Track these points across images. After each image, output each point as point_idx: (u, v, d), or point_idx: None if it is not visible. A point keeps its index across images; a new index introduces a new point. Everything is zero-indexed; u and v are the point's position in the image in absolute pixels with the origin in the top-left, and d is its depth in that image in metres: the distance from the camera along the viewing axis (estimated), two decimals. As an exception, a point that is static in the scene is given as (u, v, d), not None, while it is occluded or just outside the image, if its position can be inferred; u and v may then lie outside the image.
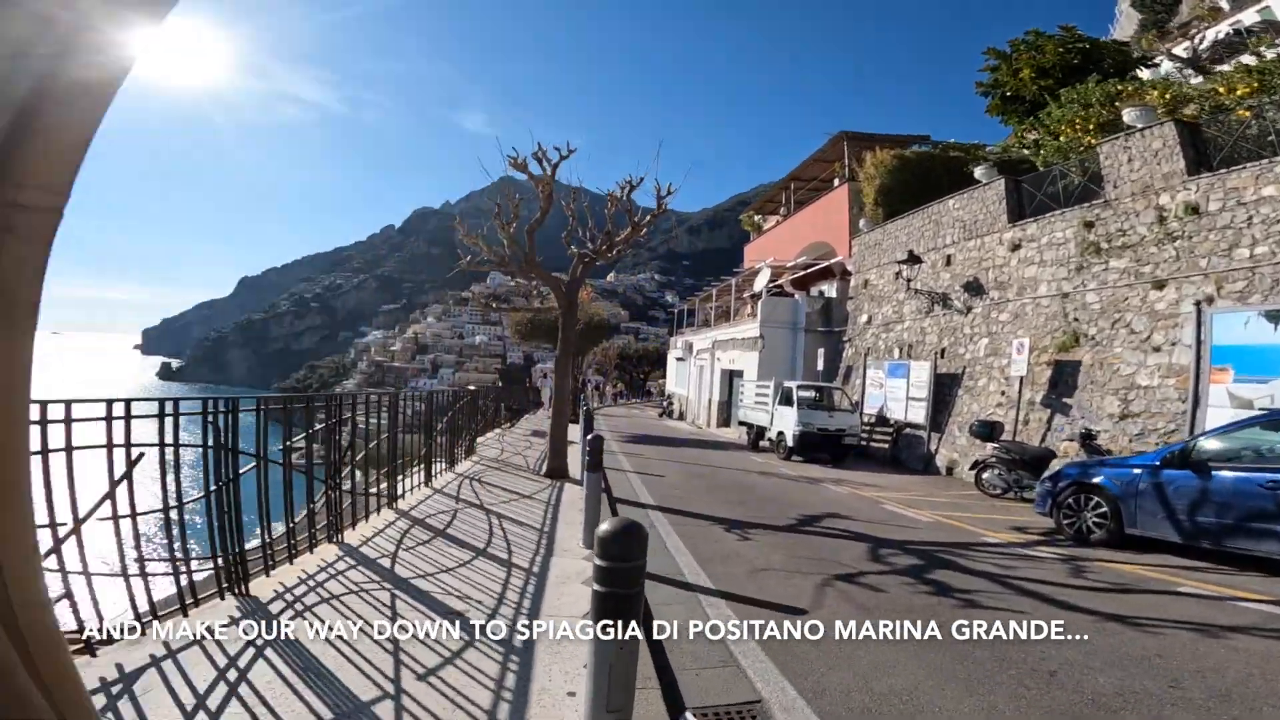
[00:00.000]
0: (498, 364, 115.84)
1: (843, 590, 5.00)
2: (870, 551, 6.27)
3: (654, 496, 8.71)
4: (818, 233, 25.04)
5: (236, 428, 3.51)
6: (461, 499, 6.95)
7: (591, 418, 8.87)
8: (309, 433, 4.44)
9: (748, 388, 18.54)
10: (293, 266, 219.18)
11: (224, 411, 3.43)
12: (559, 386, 8.99)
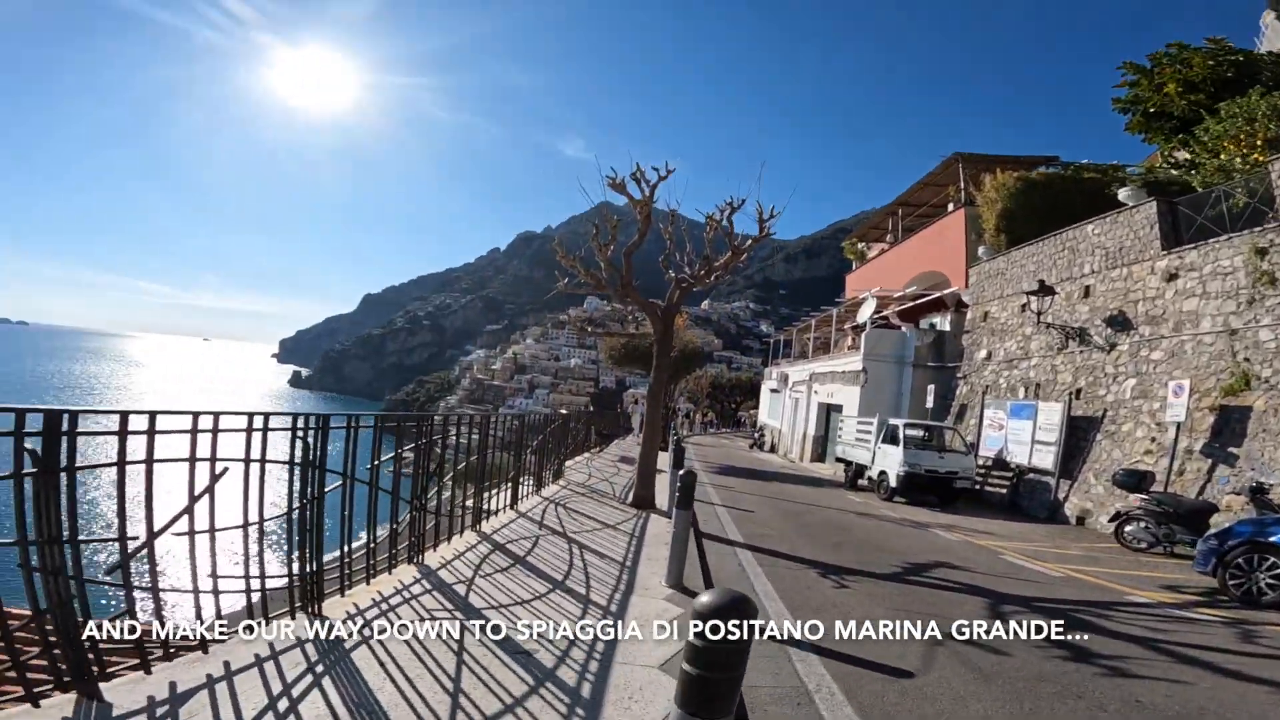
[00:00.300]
0: (590, 387, 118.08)
1: (957, 651, 4.31)
2: (990, 607, 5.49)
3: (742, 534, 8.17)
4: (929, 261, 23.52)
5: (325, 445, 3.44)
6: (545, 525, 6.76)
7: (683, 449, 8.48)
8: (398, 453, 4.37)
9: (847, 423, 17.45)
10: (408, 285, 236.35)
11: (314, 429, 3.36)
12: (650, 414, 8.69)
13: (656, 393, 8.59)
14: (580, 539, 6.31)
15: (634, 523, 7.71)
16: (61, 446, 1.98)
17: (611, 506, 8.54)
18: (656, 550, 6.49)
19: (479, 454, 5.99)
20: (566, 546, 5.96)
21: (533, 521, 6.86)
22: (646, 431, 8.63)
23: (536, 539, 5.96)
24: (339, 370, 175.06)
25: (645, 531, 7.34)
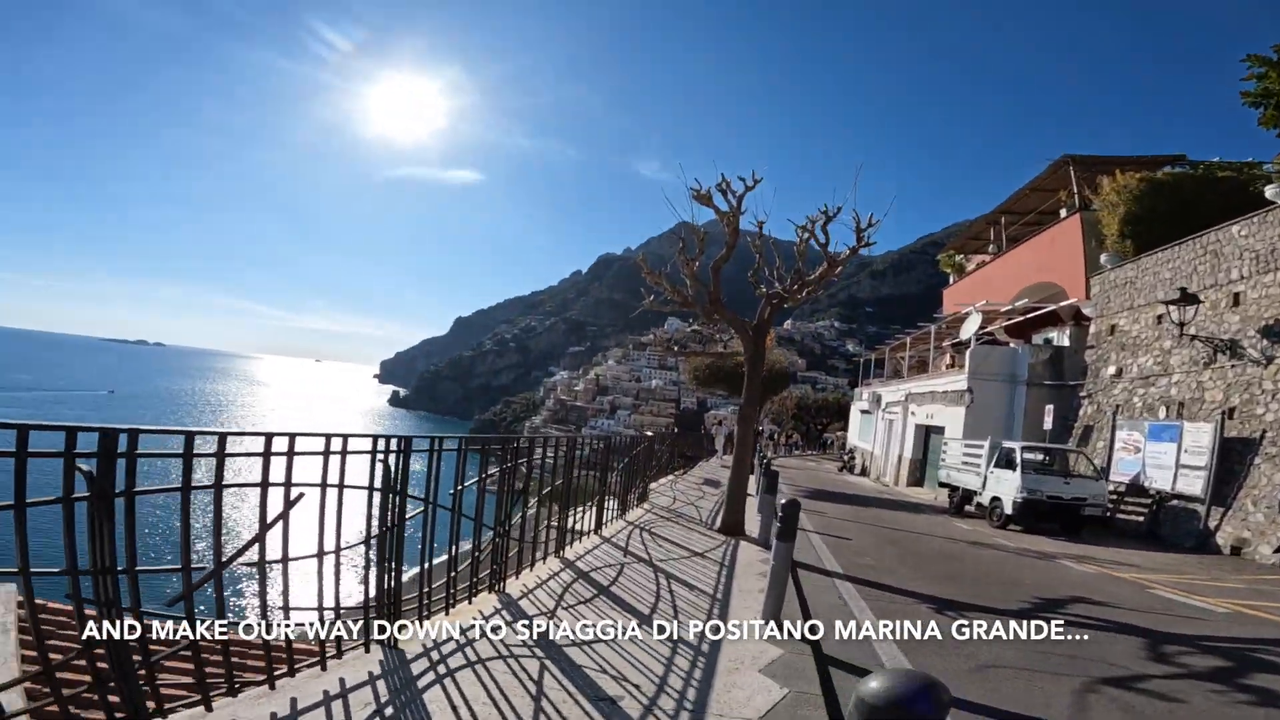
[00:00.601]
0: (671, 408, 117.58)
1: (1115, 698, 3.69)
2: (1148, 648, 4.73)
3: (840, 563, 7.49)
4: (1040, 272, 21.63)
5: (407, 468, 3.26)
6: (630, 552, 6.41)
7: (775, 474, 7.93)
8: (482, 477, 4.17)
9: (952, 446, 16.10)
10: (496, 309, 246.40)
11: (395, 451, 3.18)
12: (742, 436, 8.20)
13: (748, 414, 8.10)
14: (667, 568, 5.92)
15: (723, 550, 7.22)
16: (118, 468, 1.85)
17: (698, 532, 8.09)
18: (749, 581, 6.00)
19: (564, 477, 5.75)
20: (653, 576, 5.58)
21: (618, 548, 6.53)
22: (736, 454, 8.13)
23: (621, 567, 5.62)
24: (432, 390, 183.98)
25: (735, 560, 6.83)
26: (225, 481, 2.25)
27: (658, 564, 5.93)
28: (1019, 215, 25.85)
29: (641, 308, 8.88)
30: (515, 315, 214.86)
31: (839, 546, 8.48)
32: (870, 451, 29.67)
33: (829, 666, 4.31)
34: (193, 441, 2.13)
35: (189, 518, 2.16)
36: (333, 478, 2.74)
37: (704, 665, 3.96)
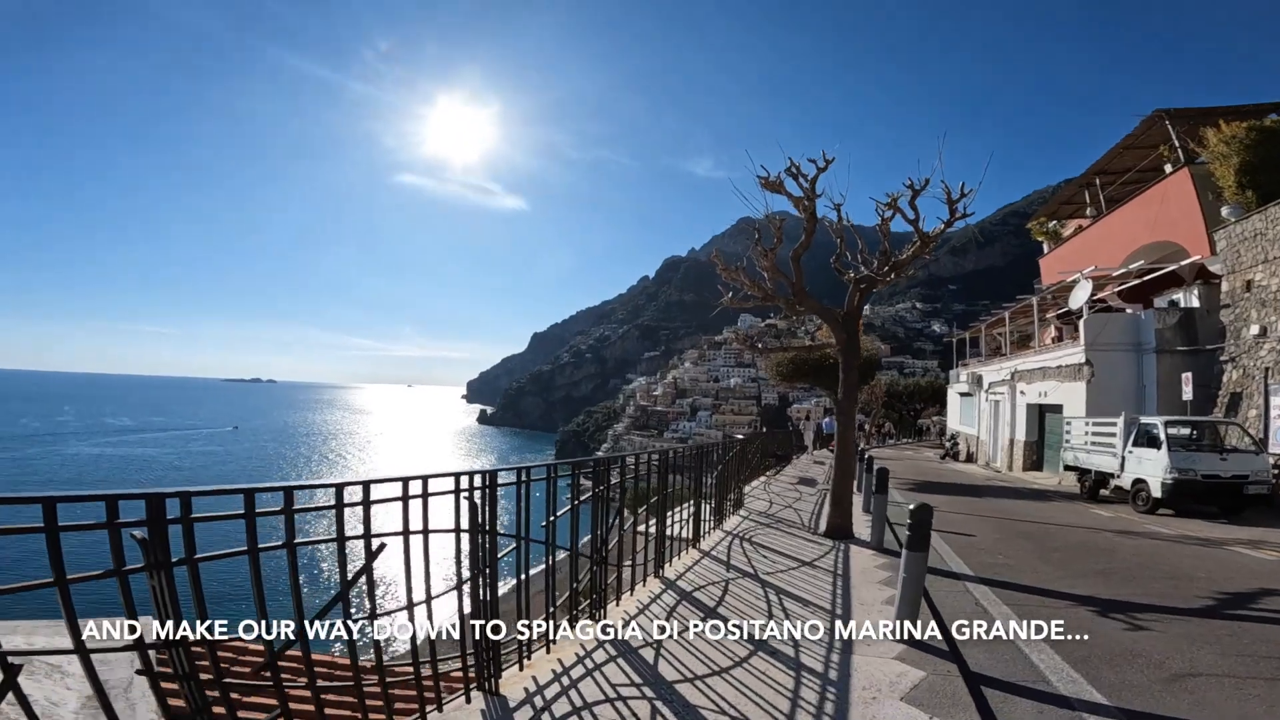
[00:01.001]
0: (753, 405, 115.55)
1: None
2: None
3: (969, 564, 6.77)
4: (1153, 231, 19.53)
5: (494, 505, 3.01)
6: (733, 565, 5.98)
7: (885, 471, 7.23)
8: (575, 503, 3.90)
9: (1076, 425, 14.58)
10: (570, 321, 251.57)
11: (481, 488, 2.92)
12: (844, 432, 7.57)
13: (848, 408, 7.47)
14: (775, 581, 5.44)
15: (832, 557, 6.65)
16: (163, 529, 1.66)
17: (802, 538, 7.53)
18: (868, 592, 5.43)
19: (659, 493, 5.41)
20: (761, 592, 5.13)
21: (719, 562, 6.12)
22: (839, 451, 7.51)
23: (726, 584, 5.21)
24: (516, 406, 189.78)
25: (849, 568, 6.25)
26: (298, 539, 2.05)
27: (765, 578, 5.47)
28: (1114, 175, 23.93)
29: (720, 305, 8.43)
30: (589, 326, 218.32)
31: (963, 545, 7.70)
32: (975, 436, 27.73)
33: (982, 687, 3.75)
34: (254, 501, 1.92)
35: (260, 583, 1.96)
36: (416, 521, 2.50)
37: (835, 696, 3.51)
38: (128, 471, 77.83)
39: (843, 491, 7.43)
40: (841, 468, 7.41)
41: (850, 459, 7.52)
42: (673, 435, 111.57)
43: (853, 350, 7.47)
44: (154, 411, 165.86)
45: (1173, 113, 19.50)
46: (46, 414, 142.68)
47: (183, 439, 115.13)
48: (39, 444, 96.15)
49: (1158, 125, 19.78)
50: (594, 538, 4.08)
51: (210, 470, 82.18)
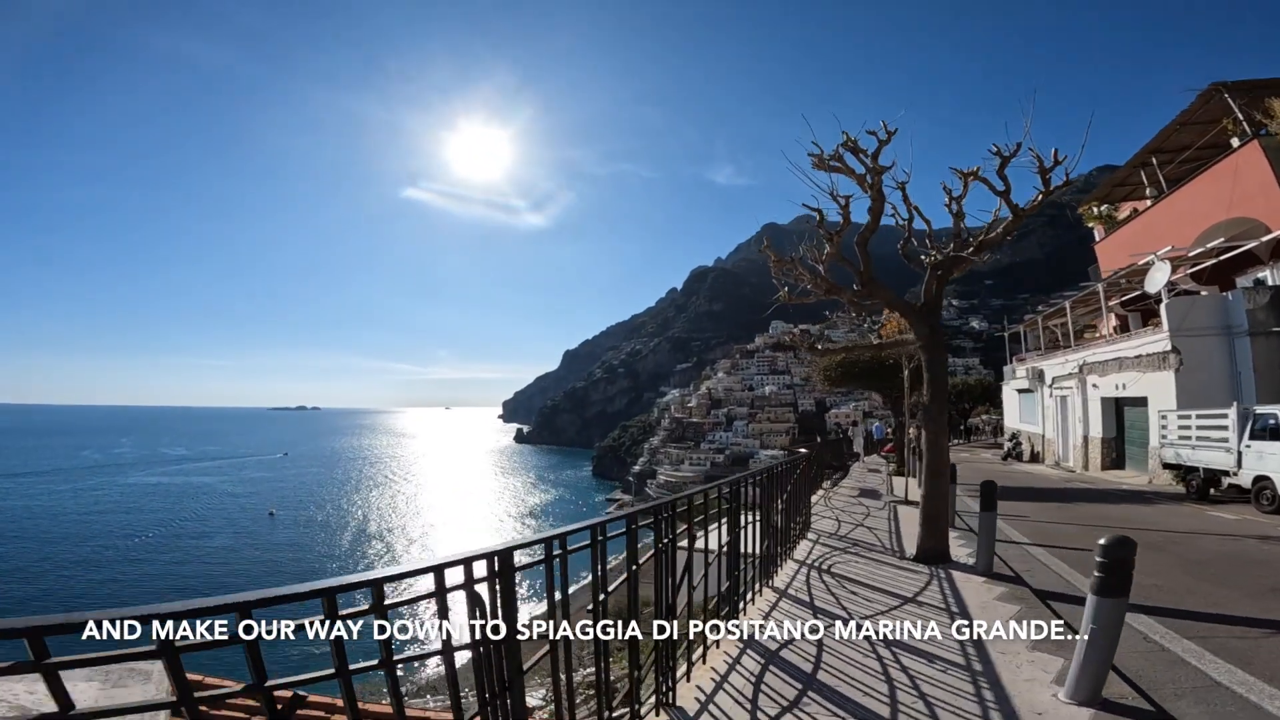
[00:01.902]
0: (789, 412, 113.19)
1: None
2: None
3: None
4: (1227, 208, 18.05)
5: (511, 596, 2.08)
6: (820, 609, 4.96)
7: (992, 484, 6.11)
8: (633, 568, 2.98)
9: (1174, 420, 13.09)
10: (600, 338, 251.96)
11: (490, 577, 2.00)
12: (933, 442, 6.43)
13: (938, 413, 6.37)
14: (881, 628, 4.41)
15: (936, 589, 5.57)
16: None
17: (890, 565, 6.45)
18: (1009, 644, 4.35)
19: (730, 535, 4.45)
20: (868, 645, 4.11)
21: (800, 603, 5.11)
22: (931, 464, 6.37)
23: (820, 638, 4.20)
24: (552, 424, 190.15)
25: (963, 602, 5.17)
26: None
27: (865, 626, 4.44)
28: (1171, 154, 22.32)
29: (775, 301, 7.43)
30: (620, 341, 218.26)
31: (1086, 562, 6.52)
32: (1040, 434, 25.93)
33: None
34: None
35: None
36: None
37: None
38: (184, 499, 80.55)
39: (936, 510, 6.32)
40: (934, 482, 6.31)
41: (943, 473, 6.43)
42: (709, 446, 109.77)
43: (937, 345, 6.42)
44: (207, 441, 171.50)
45: (1230, 85, 18.48)
46: (105, 446, 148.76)
47: (236, 466, 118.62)
48: (100, 474, 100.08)
49: (1216, 99, 18.76)
50: (657, 605, 3.15)
51: (265, 495, 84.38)
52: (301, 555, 55.84)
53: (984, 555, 6.06)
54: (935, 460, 6.30)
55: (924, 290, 6.76)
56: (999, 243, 6.60)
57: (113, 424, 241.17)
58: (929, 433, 6.41)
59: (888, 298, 6.77)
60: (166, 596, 41.01)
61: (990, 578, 5.93)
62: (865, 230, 6.69)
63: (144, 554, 53.60)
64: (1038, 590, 5.58)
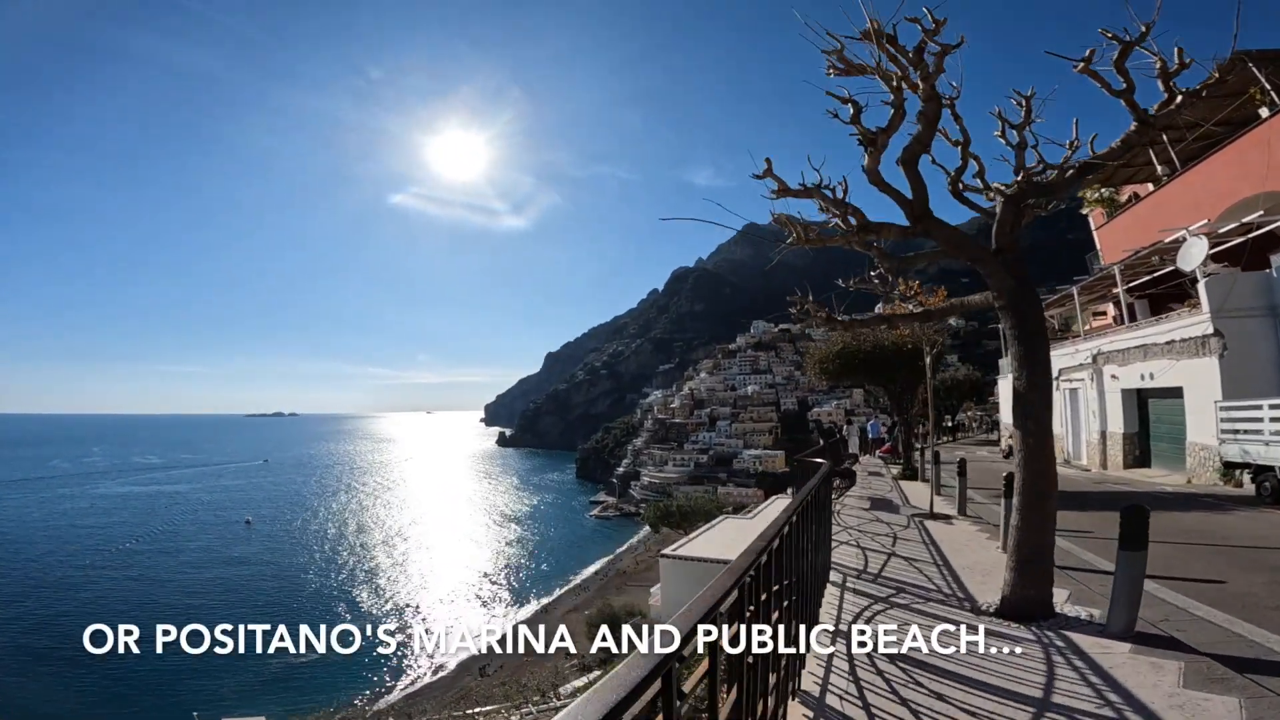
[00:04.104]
0: (772, 412, 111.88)
1: None
2: None
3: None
4: (1253, 183, 16.52)
5: None
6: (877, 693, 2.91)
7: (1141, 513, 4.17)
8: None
9: (1229, 413, 11.34)
10: (582, 339, 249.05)
11: None
12: (1035, 449, 4.29)
13: (1041, 405, 4.29)
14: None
15: (1069, 671, 3.57)
16: None
17: (964, 624, 4.44)
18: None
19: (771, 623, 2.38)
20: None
21: (862, 690, 3.06)
22: (1029, 479, 4.25)
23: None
24: (535, 427, 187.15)
25: (1139, 703, 3.16)
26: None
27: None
28: (1182, 130, 20.76)
29: (783, 249, 5.29)
30: (602, 343, 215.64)
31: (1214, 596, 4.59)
32: (1044, 432, 24.30)
33: None
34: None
35: None
36: None
37: None
38: (155, 508, 77.31)
39: (1037, 545, 4.29)
40: (1035, 507, 4.28)
41: (1050, 494, 4.36)
42: (693, 447, 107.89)
43: (1029, 299, 4.45)
44: (181, 449, 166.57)
45: (1255, 54, 16.97)
46: (75, 455, 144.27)
47: (212, 474, 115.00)
48: (70, 484, 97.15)
49: (1239, 70, 17.12)
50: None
51: (245, 504, 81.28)
52: (279, 567, 52.85)
53: (1124, 612, 4.05)
54: (1038, 475, 4.29)
55: (997, 228, 4.75)
56: (1117, 160, 4.62)
57: (82, 433, 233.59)
58: (1024, 433, 4.38)
59: (951, 236, 4.75)
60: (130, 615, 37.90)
61: (1136, 642, 3.94)
62: (914, 143, 4.64)
63: (114, 566, 50.68)
64: (1226, 659, 3.62)
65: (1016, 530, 4.36)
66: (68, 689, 30.62)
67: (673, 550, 14.49)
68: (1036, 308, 4.62)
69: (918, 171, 4.64)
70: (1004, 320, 4.58)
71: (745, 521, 17.74)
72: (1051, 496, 4.33)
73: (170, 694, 29.38)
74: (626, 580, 49.05)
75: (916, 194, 4.60)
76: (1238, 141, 17.66)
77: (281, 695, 29.45)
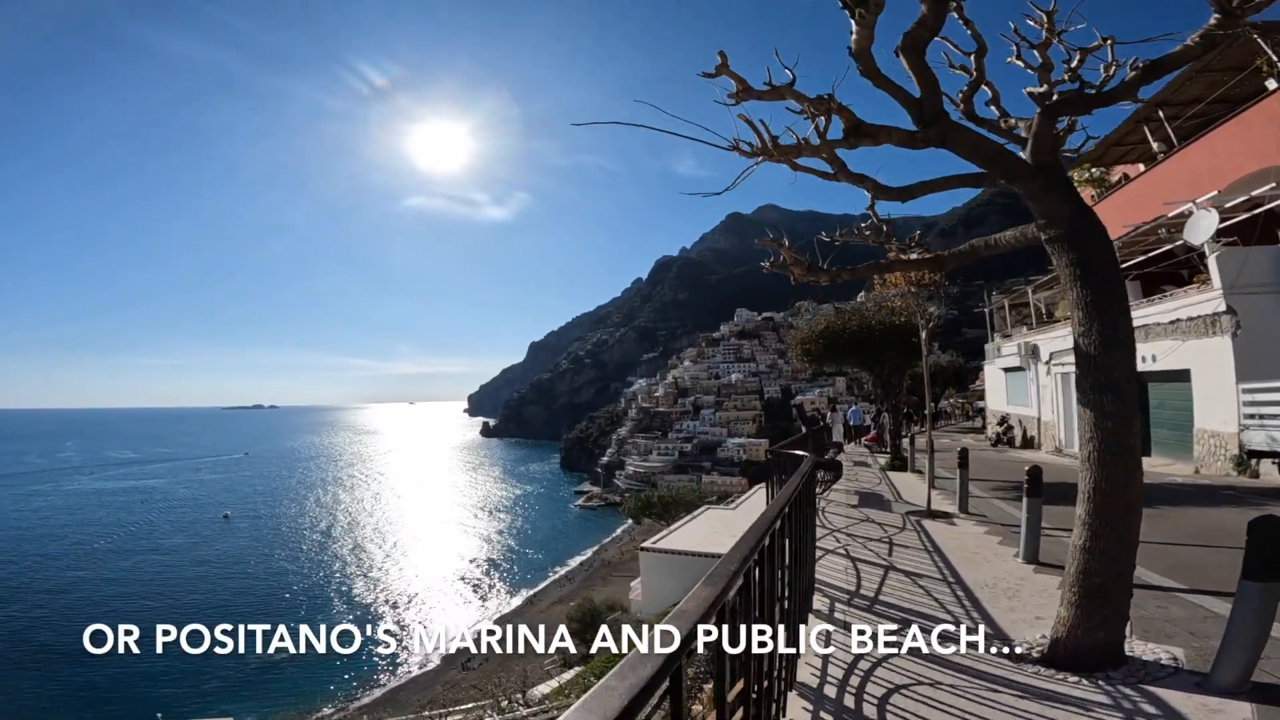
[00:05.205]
0: (755, 400, 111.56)
1: None
2: None
3: None
4: (1258, 157, 15.54)
5: None
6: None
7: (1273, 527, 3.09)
8: None
9: (1255, 396, 10.34)
10: (567, 328, 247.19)
11: None
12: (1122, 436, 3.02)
13: (1121, 364, 3.09)
14: None
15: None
16: None
17: (1002, 681, 3.26)
18: None
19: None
20: None
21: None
22: (1104, 478, 3.00)
23: None
24: (518, 417, 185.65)
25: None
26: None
27: None
28: (1179, 107, 19.89)
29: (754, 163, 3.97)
30: (585, 332, 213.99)
31: None
32: (1034, 417, 23.48)
33: None
34: None
35: None
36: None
37: None
38: (130, 504, 75.54)
39: (1117, 571, 3.04)
40: (1111, 520, 3.02)
41: (1133, 501, 3.11)
42: (677, 436, 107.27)
43: (1092, 228, 3.22)
44: (157, 443, 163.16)
45: (1261, 25, 16.00)
46: (48, 451, 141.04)
47: (190, 468, 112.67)
48: (44, 480, 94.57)
49: (1241, 43, 16.15)
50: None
51: (225, 499, 79.29)
52: (259, 563, 51.11)
53: (1238, 657, 2.85)
54: (1121, 480, 3.01)
55: (1033, 148, 3.51)
56: (1194, 59, 3.39)
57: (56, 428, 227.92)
58: (1105, 420, 3.11)
59: (977, 145, 3.45)
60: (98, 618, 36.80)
61: (1257, 699, 2.77)
62: (918, 27, 3.34)
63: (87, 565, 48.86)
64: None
65: (1082, 553, 3.15)
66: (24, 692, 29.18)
67: (653, 543, 13.49)
68: (1104, 239, 3.41)
69: (924, 62, 3.37)
70: (1059, 257, 3.37)
71: (728, 512, 16.77)
72: (1136, 509, 3.12)
73: (137, 696, 28.09)
74: (612, 571, 48.31)
75: (925, 89, 3.33)
76: (1243, 114, 16.70)
77: (262, 695, 28.44)
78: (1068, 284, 3.32)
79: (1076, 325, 3.34)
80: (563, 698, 15.42)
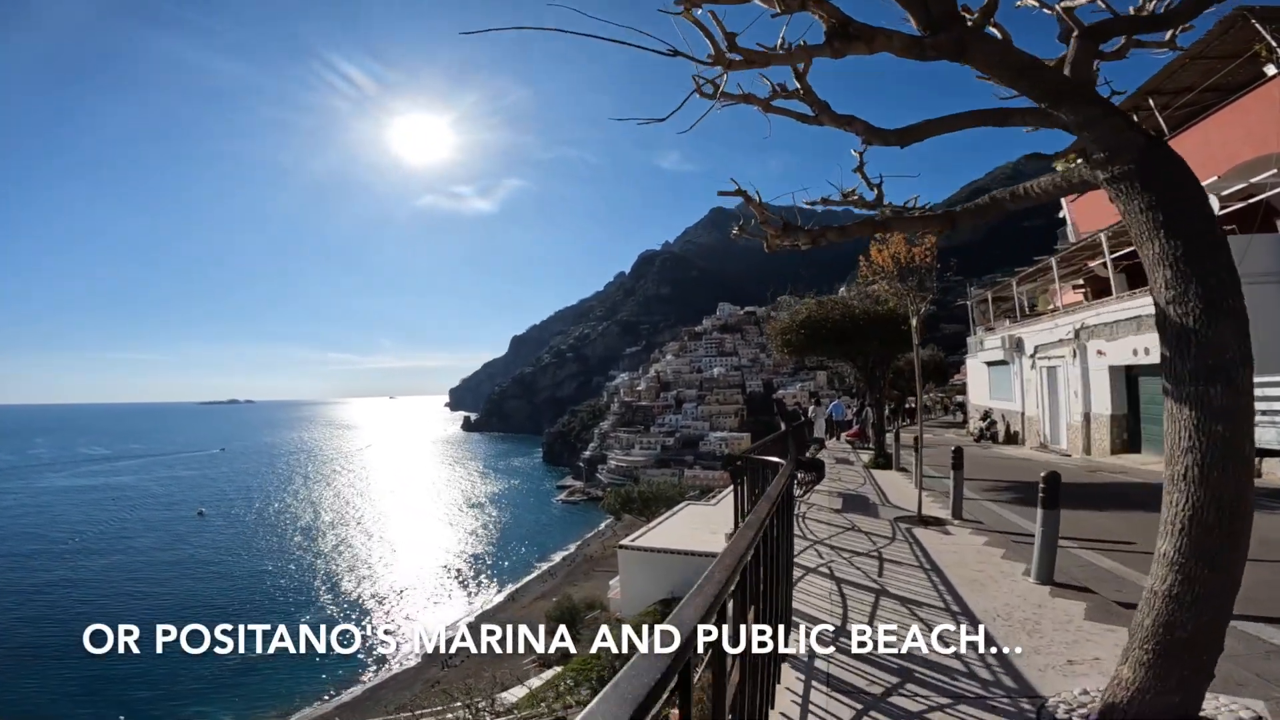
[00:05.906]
0: (737, 394, 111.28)
1: None
2: None
3: None
4: (1255, 144, 15.10)
5: None
6: None
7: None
8: None
9: (1270, 390, 9.73)
10: (549, 322, 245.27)
11: None
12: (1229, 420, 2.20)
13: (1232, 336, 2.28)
14: None
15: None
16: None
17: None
18: None
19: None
20: None
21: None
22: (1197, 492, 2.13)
23: None
24: (500, 411, 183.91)
25: None
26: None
27: None
28: (1169, 96, 19.42)
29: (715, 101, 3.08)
30: (568, 326, 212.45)
31: None
32: (1017, 412, 23.05)
33: None
34: None
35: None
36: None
37: None
38: (103, 500, 72.99)
39: (1209, 620, 2.16)
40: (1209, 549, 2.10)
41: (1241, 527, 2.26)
42: (659, 430, 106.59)
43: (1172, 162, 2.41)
44: (130, 439, 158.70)
45: (1259, 11, 15.56)
46: (18, 448, 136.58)
47: (164, 464, 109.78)
48: (13, 478, 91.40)
49: (1239, 27, 15.65)
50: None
51: (196, 495, 77.12)
52: (234, 561, 49.49)
53: None
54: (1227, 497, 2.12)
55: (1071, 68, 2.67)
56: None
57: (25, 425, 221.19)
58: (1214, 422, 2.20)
59: (1005, 57, 2.55)
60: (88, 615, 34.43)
61: None
62: None
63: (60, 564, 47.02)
64: None
65: (1169, 602, 2.24)
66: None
67: (631, 541, 12.76)
68: (1189, 172, 2.59)
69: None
70: (1129, 201, 2.52)
71: (708, 509, 16.08)
72: (1245, 538, 2.25)
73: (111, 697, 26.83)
74: (594, 566, 47.68)
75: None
76: (1240, 101, 16.22)
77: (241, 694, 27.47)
78: (1146, 235, 2.49)
79: (1163, 290, 2.50)
80: (534, 704, 14.62)
